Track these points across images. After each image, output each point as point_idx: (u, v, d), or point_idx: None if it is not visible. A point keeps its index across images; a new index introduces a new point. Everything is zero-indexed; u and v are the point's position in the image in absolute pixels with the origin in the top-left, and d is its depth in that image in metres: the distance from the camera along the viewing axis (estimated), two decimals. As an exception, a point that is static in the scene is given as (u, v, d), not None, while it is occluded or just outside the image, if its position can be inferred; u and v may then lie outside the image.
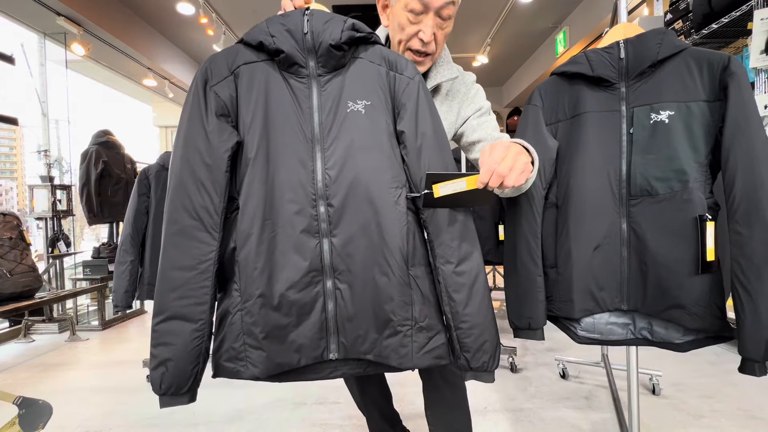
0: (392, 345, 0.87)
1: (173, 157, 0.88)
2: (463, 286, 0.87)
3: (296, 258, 0.84)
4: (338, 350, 0.88)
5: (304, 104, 0.87)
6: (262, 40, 0.86)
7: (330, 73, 0.89)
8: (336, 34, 0.85)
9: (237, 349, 0.86)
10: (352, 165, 0.85)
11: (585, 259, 1.11)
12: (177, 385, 0.84)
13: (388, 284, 0.85)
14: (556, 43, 5.40)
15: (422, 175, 0.86)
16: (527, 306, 1.16)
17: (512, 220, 1.18)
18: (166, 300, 0.84)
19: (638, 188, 1.08)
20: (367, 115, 0.87)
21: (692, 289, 1.03)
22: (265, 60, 0.88)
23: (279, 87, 0.87)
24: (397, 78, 0.91)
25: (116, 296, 2.15)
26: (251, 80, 0.87)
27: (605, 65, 1.09)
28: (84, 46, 4.00)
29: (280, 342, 0.86)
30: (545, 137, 1.16)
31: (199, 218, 0.85)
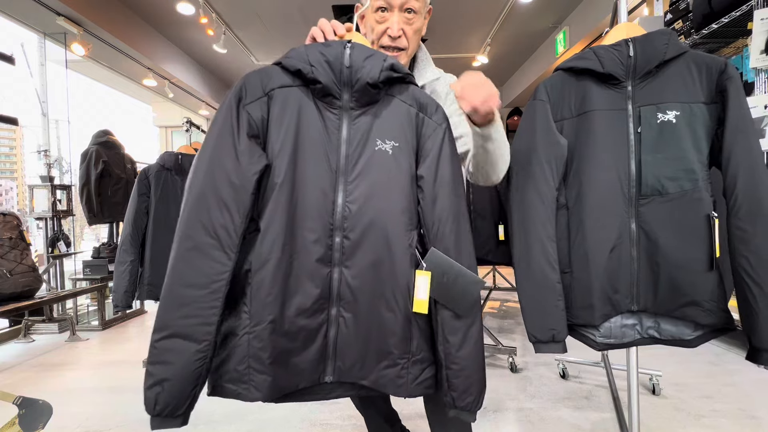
0: (389, 375, 0.90)
1: (195, 171, 0.85)
2: (459, 330, 0.89)
3: (309, 285, 0.86)
4: (334, 373, 0.90)
5: (333, 135, 0.89)
6: (301, 69, 0.87)
7: (362, 107, 0.91)
8: (375, 73, 0.87)
9: (240, 371, 0.85)
10: (374, 203, 0.88)
11: (602, 262, 1.09)
12: (173, 407, 0.80)
13: (394, 320, 0.88)
14: (556, 43, 5.40)
15: (434, 219, 0.89)
16: (549, 317, 1.10)
17: (524, 224, 1.12)
18: (170, 317, 0.81)
19: (649, 188, 1.07)
20: (394, 156, 0.89)
21: (705, 286, 1.06)
22: (300, 86, 0.89)
23: (311, 115, 0.89)
24: (426, 121, 0.93)
25: (116, 296, 2.15)
26: (284, 105, 0.88)
27: (615, 62, 1.08)
28: (84, 46, 3.99)
29: (285, 366, 0.87)
30: (556, 135, 1.13)
31: (217, 237, 0.82)
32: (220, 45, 4.96)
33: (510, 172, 1.17)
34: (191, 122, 2.54)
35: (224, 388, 0.87)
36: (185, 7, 4.40)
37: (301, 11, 4.83)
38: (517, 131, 1.22)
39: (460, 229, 0.90)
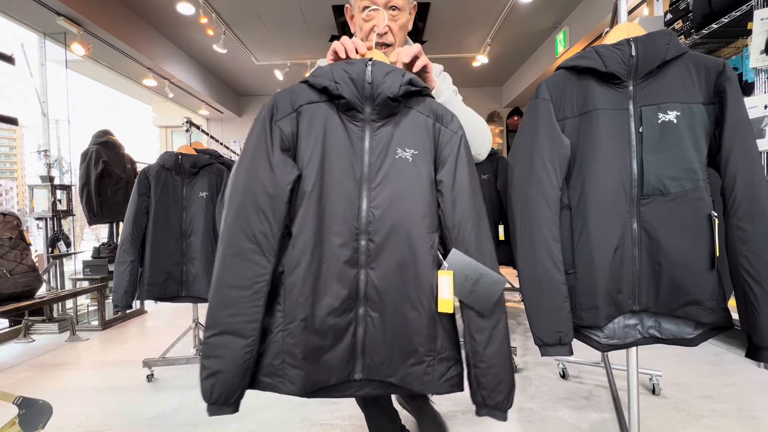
0: (416, 373, 0.95)
1: (234, 184, 0.93)
2: (484, 329, 0.93)
3: (337, 286, 0.92)
4: (363, 371, 0.95)
5: (357, 146, 0.96)
6: (327, 86, 0.95)
7: (383, 119, 0.97)
8: (394, 88, 0.94)
9: (276, 366, 0.92)
10: (396, 208, 0.94)
11: (606, 262, 1.09)
12: (226, 396, 0.92)
13: (419, 319, 0.93)
14: (556, 43, 5.40)
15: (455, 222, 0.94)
16: (556, 319, 1.08)
17: (528, 226, 1.10)
18: (219, 316, 0.89)
19: (651, 187, 1.07)
20: (414, 163, 0.96)
21: (706, 285, 1.06)
22: (325, 101, 0.97)
23: (336, 128, 0.96)
24: (442, 130, 0.99)
25: (116, 296, 2.15)
26: (312, 119, 0.96)
27: (617, 62, 1.08)
28: (84, 46, 3.99)
29: (316, 362, 0.93)
30: (560, 135, 1.12)
31: (257, 242, 0.89)
32: (220, 45, 4.96)
33: (512, 172, 1.17)
34: (191, 122, 2.54)
35: (261, 381, 0.94)
36: (185, 7, 4.40)
37: (301, 11, 4.83)
38: (518, 130, 1.21)
39: (480, 231, 0.95)
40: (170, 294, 2.26)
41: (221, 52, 5.12)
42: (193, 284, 2.25)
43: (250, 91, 7.80)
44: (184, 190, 2.28)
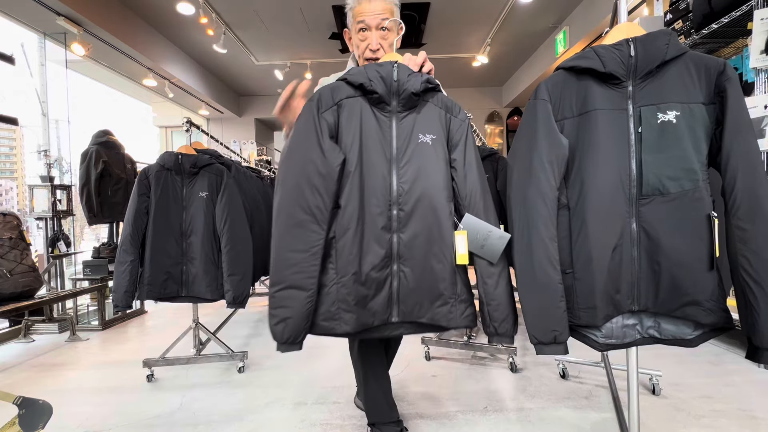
0: (443, 312, 1.20)
1: (287, 168, 1.14)
2: (493, 275, 1.17)
3: (376, 247, 1.16)
4: (398, 315, 1.20)
5: (386, 132, 1.20)
6: (363, 83, 1.17)
7: (406, 110, 1.21)
8: (416, 85, 1.18)
9: (332, 312, 1.16)
10: (420, 182, 1.17)
11: (605, 262, 1.09)
12: (294, 336, 1.14)
13: (443, 269, 1.18)
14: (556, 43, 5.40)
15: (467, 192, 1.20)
16: (551, 318, 1.10)
17: (526, 225, 1.12)
18: (284, 274, 1.11)
19: (650, 187, 1.07)
20: (433, 145, 1.20)
21: (706, 285, 1.06)
22: (360, 96, 1.20)
23: (370, 117, 1.20)
24: (452, 119, 1.24)
25: (116, 296, 2.15)
26: (351, 111, 1.19)
27: (616, 62, 1.08)
28: (84, 46, 3.99)
29: (363, 308, 1.17)
30: (558, 135, 1.13)
31: (313, 215, 1.12)
32: (220, 45, 4.96)
33: (511, 172, 1.19)
34: (191, 122, 2.54)
35: (320, 325, 1.16)
36: (185, 7, 4.40)
37: (301, 11, 4.83)
38: (517, 131, 1.22)
39: (486, 198, 1.21)
40: (170, 294, 2.26)
41: (221, 52, 5.12)
42: (193, 284, 2.25)
43: (250, 91, 7.80)
44: (184, 190, 2.28)
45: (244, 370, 2.37)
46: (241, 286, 2.25)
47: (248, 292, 2.30)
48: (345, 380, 2.19)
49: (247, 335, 3.09)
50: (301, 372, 2.33)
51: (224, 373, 2.37)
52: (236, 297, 2.23)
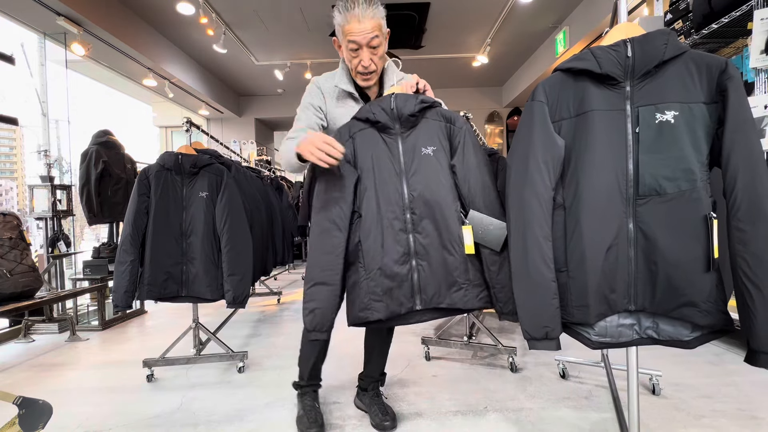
0: (459, 296, 1.39)
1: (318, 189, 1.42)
2: (496, 262, 1.34)
3: (396, 246, 1.37)
4: (421, 303, 1.40)
5: (394, 151, 1.42)
6: (368, 117, 1.42)
7: (409, 130, 1.43)
8: (411, 108, 1.39)
9: (365, 303, 1.37)
10: (428, 189, 1.37)
11: (598, 262, 1.10)
12: (321, 325, 1.37)
13: (455, 260, 1.36)
14: (556, 43, 5.40)
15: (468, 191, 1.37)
16: (543, 314, 1.12)
17: (521, 224, 1.14)
18: (314, 273, 1.37)
19: (647, 188, 1.07)
20: (435, 156, 1.39)
21: (703, 287, 1.05)
22: (369, 127, 1.43)
23: (379, 142, 1.43)
24: (452, 128, 1.42)
25: (116, 296, 2.15)
26: (363, 140, 1.43)
27: (613, 63, 1.08)
28: (84, 46, 3.99)
29: (391, 297, 1.38)
30: (554, 135, 1.14)
31: (335, 224, 1.37)
32: (220, 45, 4.97)
33: (509, 172, 1.20)
34: (191, 122, 2.54)
35: (357, 316, 1.38)
36: (185, 7, 4.40)
37: (301, 11, 4.83)
38: (515, 132, 1.23)
39: (487, 194, 1.37)
40: (170, 294, 2.26)
41: (221, 52, 5.12)
42: (193, 284, 2.25)
43: (250, 91, 7.80)
44: (184, 190, 2.28)
45: (244, 370, 2.37)
46: (241, 286, 2.25)
47: (248, 292, 2.30)
48: (345, 380, 2.19)
49: (247, 335, 3.09)
50: (301, 372, 2.33)
51: (224, 373, 2.37)
52: (236, 297, 2.23)
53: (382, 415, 1.71)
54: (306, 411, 1.72)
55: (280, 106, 7.97)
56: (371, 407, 1.76)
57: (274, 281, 5.72)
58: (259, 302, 4.29)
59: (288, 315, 3.73)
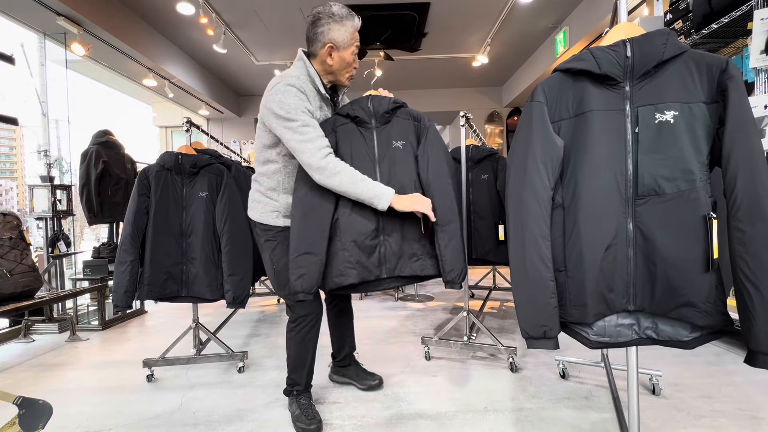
0: (417, 265, 1.67)
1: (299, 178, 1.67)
2: (444, 238, 1.64)
3: (367, 223, 1.61)
4: (386, 272, 1.65)
5: (369, 143, 1.68)
6: (348, 113, 1.69)
7: (383, 125, 1.71)
8: (385, 106, 1.70)
9: (341, 269, 1.61)
10: (395, 176, 1.65)
11: (596, 261, 1.10)
12: (308, 288, 1.58)
13: (414, 236, 1.66)
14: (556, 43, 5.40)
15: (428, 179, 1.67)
16: (541, 314, 1.12)
17: (520, 223, 1.14)
18: (301, 245, 1.59)
19: (646, 188, 1.07)
20: (403, 149, 1.69)
21: (702, 287, 1.05)
22: (350, 122, 1.70)
23: (357, 135, 1.69)
24: (420, 126, 1.73)
25: (116, 296, 2.15)
26: (344, 132, 1.69)
27: (612, 63, 1.08)
28: (84, 46, 3.99)
29: (362, 266, 1.62)
30: (552, 136, 1.14)
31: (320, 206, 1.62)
32: (220, 45, 4.96)
33: (508, 172, 1.20)
34: (191, 122, 2.53)
35: (333, 281, 1.61)
36: (185, 7, 4.40)
37: (301, 11, 4.83)
38: (515, 132, 1.23)
39: (442, 183, 1.66)
40: (170, 294, 2.26)
41: (221, 52, 5.12)
42: (193, 284, 2.25)
43: (250, 91, 7.79)
44: (184, 190, 2.28)
45: (244, 370, 2.37)
46: (241, 286, 2.25)
47: (248, 292, 2.30)
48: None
49: (247, 335, 3.09)
50: (301, 372, 2.33)
51: (224, 373, 2.37)
52: (236, 297, 2.23)
53: (370, 378, 2.08)
54: (303, 410, 1.76)
55: (280, 106, 7.93)
56: (357, 375, 2.10)
57: (274, 281, 5.72)
58: (259, 302, 4.29)
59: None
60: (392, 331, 3.10)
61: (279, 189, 1.73)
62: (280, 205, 1.73)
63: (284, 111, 1.54)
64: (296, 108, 1.55)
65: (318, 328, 1.82)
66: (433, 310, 3.76)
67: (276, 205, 1.73)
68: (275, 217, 1.74)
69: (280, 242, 1.73)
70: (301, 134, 1.55)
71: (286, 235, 1.71)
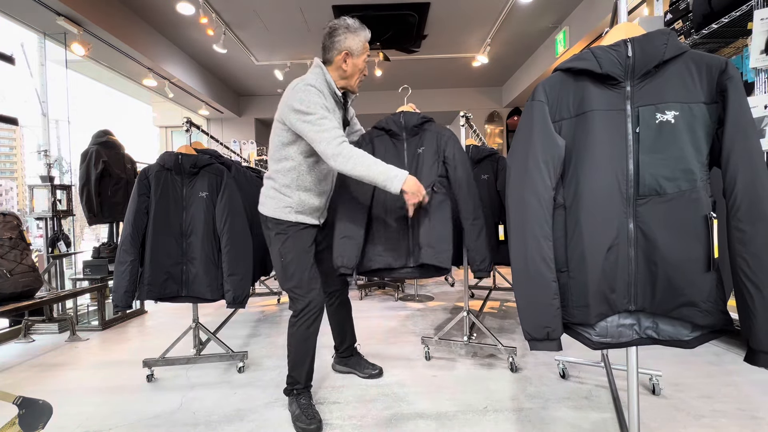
0: (441, 257, 1.93)
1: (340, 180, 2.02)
2: (472, 232, 2.02)
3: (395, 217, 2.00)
4: (413, 261, 2.00)
5: (400, 151, 2.09)
6: (383, 126, 2.10)
7: (412, 137, 2.10)
8: (414, 121, 2.08)
9: (371, 256, 2.00)
10: (420, 177, 1.87)
11: (598, 262, 1.10)
12: (351, 266, 1.91)
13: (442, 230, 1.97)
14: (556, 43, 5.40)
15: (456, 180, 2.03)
16: (544, 315, 1.11)
17: (521, 224, 1.13)
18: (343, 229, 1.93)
19: (647, 188, 1.07)
20: (427, 155, 2.05)
21: (703, 286, 1.05)
22: (384, 134, 2.11)
23: (390, 144, 2.10)
24: (441, 137, 2.07)
25: (116, 296, 2.15)
26: (379, 143, 2.09)
27: (613, 63, 1.08)
28: (84, 46, 3.99)
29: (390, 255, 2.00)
30: (554, 135, 1.14)
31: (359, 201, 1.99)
32: (220, 45, 4.96)
33: (509, 172, 1.20)
34: (191, 122, 2.53)
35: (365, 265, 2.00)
36: (185, 7, 4.40)
37: (301, 11, 4.83)
38: (515, 132, 1.22)
39: (470, 183, 2.02)
40: (170, 294, 2.25)
41: (221, 52, 5.12)
42: (193, 284, 2.25)
43: (250, 91, 7.79)
44: (184, 190, 2.28)
45: (244, 370, 2.37)
46: (241, 286, 2.25)
47: (248, 292, 2.30)
48: (345, 380, 2.19)
49: (247, 335, 3.09)
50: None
51: (224, 373, 2.37)
52: (236, 297, 2.23)
53: (371, 367, 2.24)
54: (303, 409, 1.77)
55: (280, 106, 7.95)
56: (358, 365, 2.24)
57: (274, 281, 5.72)
58: (259, 302, 4.29)
59: (288, 315, 3.72)
60: (392, 331, 3.10)
61: (293, 186, 1.81)
62: (294, 201, 1.81)
63: (304, 106, 1.65)
64: (315, 104, 1.67)
65: (319, 323, 1.85)
66: (433, 310, 3.76)
67: (289, 201, 1.81)
68: (288, 212, 1.82)
69: (291, 236, 1.82)
70: (318, 126, 1.64)
71: (296, 229, 1.83)
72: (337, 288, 2.18)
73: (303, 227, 1.85)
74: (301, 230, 1.84)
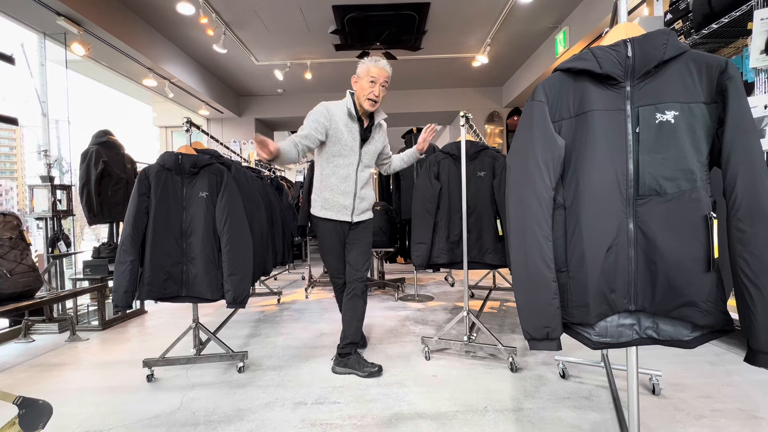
0: (493, 256, 2.68)
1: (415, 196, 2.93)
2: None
3: (460, 223, 2.59)
4: (470, 258, 2.60)
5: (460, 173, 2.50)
6: (447, 151, 2.85)
7: (471, 161, 2.78)
8: (475, 148, 2.79)
9: (437, 254, 2.76)
10: (478, 196, 2.74)
11: (598, 262, 1.10)
12: (422, 263, 2.74)
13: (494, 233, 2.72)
14: (556, 43, 5.40)
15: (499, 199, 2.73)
16: (544, 315, 1.11)
17: (521, 224, 1.13)
18: (417, 237, 2.79)
19: (647, 188, 1.07)
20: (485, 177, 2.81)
21: (703, 286, 1.05)
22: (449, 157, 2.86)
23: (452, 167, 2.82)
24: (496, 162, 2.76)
25: (116, 296, 2.15)
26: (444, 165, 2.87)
27: (613, 63, 1.08)
28: (84, 46, 3.99)
29: (452, 253, 2.74)
30: (554, 135, 1.14)
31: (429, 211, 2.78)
32: (220, 45, 4.96)
33: (509, 172, 1.20)
34: (191, 122, 2.53)
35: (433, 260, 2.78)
36: (185, 7, 4.40)
37: (301, 11, 4.83)
38: (515, 132, 1.22)
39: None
40: (170, 294, 2.25)
41: (221, 52, 5.12)
42: (193, 284, 2.25)
43: (250, 91, 7.79)
44: (184, 190, 2.28)
45: (244, 370, 2.37)
46: (241, 286, 2.25)
47: (248, 292, 2.30)
48: (345, 380, 2.19)
49: (247, 335, 3.09)
50: (301, 372, 2.33)
51: (224, 373, 2.37)
52: (236, 297, 2.23)
53: (370, 366, 2.26)
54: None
55: (280, 106, 7.97)
56: (357, 364, 2.27)
57: (274, 281, 5.72)
58: (259, 302, 4.29)
59: (288, 315, 3.73)
60: (392, 331, 3.10)
61: (320, 187, 2.28)
62: (321, 199, 2.28)
63: (307, 117, 2.20)
64: (310, 116, 2.18)
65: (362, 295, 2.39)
66: (433, 310, 3.76)
67: (319, 201, 2.29)
68: (318, 210, 2.29)
69: (320, 229, 2.31)
70: (299, 129, 2.15)
71: (324, 224, 2.29)
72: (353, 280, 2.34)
73: (330, 222, 2.27)
74: (328, 225, 2.27)
